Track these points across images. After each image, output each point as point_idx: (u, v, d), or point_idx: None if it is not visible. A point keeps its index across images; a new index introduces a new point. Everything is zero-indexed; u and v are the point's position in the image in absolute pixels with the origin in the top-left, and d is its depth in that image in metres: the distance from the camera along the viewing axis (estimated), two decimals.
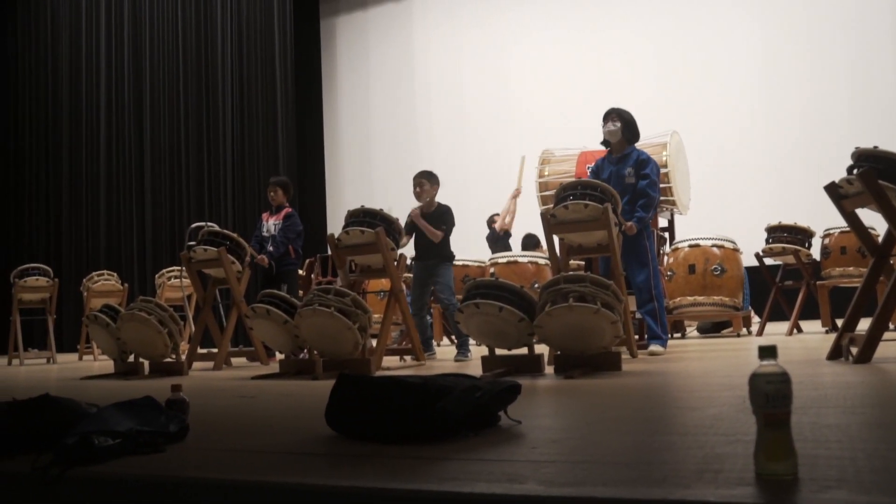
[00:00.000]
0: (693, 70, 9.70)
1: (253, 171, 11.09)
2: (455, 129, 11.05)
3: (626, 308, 4.38)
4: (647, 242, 4.79)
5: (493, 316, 3.62)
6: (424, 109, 11.37)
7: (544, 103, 10.38)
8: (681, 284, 6.50)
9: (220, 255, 5.59)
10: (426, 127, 11.29)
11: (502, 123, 10.70)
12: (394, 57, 11.73)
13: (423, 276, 5.53)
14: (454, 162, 10.44)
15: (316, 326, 4.16)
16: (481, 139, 10.81)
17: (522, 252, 7.29)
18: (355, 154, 11.92)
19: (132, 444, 1.73)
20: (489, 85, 10.91)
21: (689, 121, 8.76)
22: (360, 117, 11.91)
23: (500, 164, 10.42)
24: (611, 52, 10.18)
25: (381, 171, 11.47)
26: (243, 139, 11.18)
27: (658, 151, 6.12)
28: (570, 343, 3.57)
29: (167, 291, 8.46)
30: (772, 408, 1.20)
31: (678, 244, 6.61)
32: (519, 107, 10.61)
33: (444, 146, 10.86)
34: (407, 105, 11.51)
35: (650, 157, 4.91)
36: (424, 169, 5.67)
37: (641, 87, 9.69)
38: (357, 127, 11.96)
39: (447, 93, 11.21)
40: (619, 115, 4.88)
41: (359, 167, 11.85)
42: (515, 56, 10.79)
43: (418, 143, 11.19)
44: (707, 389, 2.66)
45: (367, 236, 4.77)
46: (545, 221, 4.48)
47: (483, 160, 10.67)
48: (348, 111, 12.10)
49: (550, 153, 6.88)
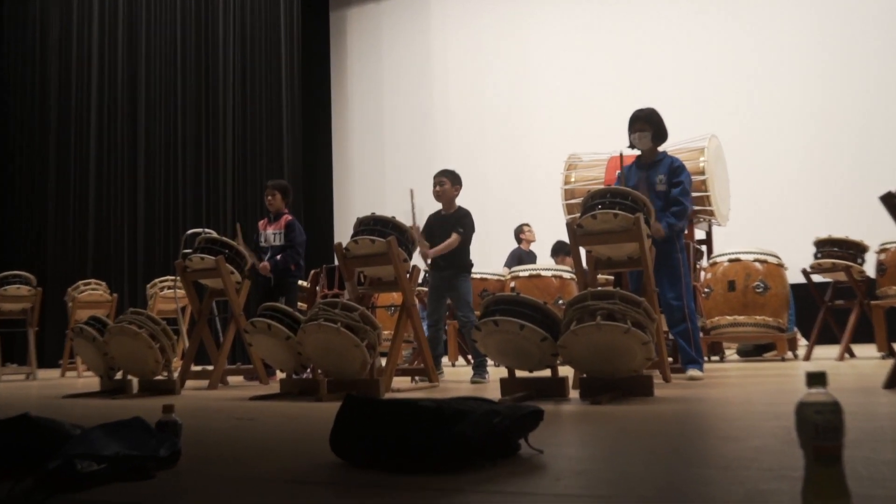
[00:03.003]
0: (732, 67, 9.67)
1: (255, 174, 11.16)
2: (475, 131, 11.09)
3: (660, 328, 4.36)
4: (680, 255, 4.77)
5: (513, 334, 3.62)
6: (442, 109, 11.42)
7: (572, 103, 10.40)
8: (719, 303, 6.46)
9: (217, 265, 5.62)
10: (444, 128, 11.34)
11: (527, 125, 10.72)
12: (409, 53, 11.80)
13: (441, 287, 5.54)
14: (474, 167, 10.44)
15: (321, 343, 4.17)
16: (504, 142, 10.84)
17: (546, 266, 7.29)
18: (366, 157, 11.98)
19: (119, 470, 1.73)
20: (513, 83, 10.95)
21: (729, 123, 8.75)
22: (372, 117, 11.98)
23: (524, 169, 10.45)
24: (644, 47, 10.18)
25: (394, 175, 11.50)
26: (245, 139, 11.26)
27: (694, 157, 6.10)
28: (597, 365, 3.56)
29: (160, 303, 8.52)
30: (822, 440, 1.18)
31: (716, 258, 6.58)
32: (545, 107, 10.63)
33: (463, 149, 10.88)
34: (423, 105, 11.57)
35: (683, 165, 4.91)
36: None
37: (675, 86, 9.68)
38: (368, 127, 12.03)
39: (467, 92, 11.25)
40: (648, 121, 4.87)
41: (370, 171, 11.91)
42: (541, 52, 10.82)
43: (435, 146, 11.23)
44: (748, 418, 2.64)
45: (377, 246, 4.78)
46: (571, 232, 4.48)
47: (506, 165, 10.70)
48: (359, 110, 12.17)
49: (577, 158, 6.88)
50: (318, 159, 12.25)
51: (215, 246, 5.82)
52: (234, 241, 5.94)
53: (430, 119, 11.49)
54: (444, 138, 11.28)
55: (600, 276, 4.92)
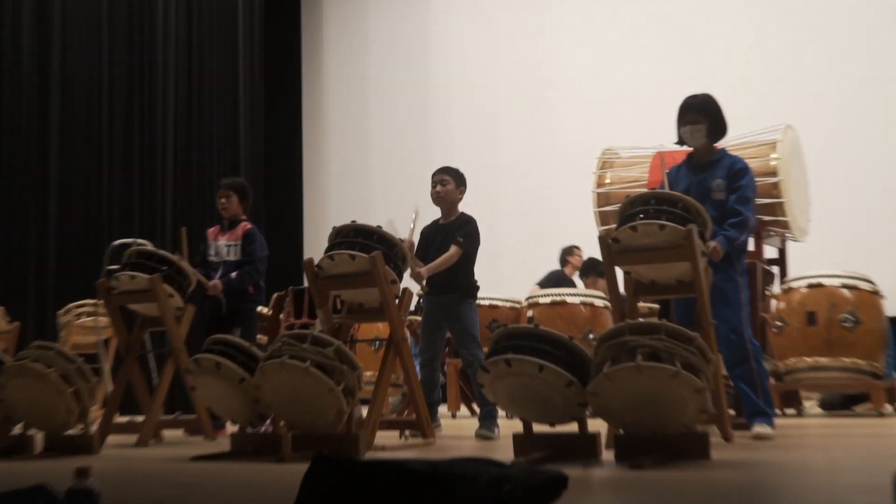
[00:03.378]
0: (812, 43, 9.68)
1: (203, 171, 11.16)
2: (483, 124, 11.16)
3: (718, 371, 4.36)
4: (742, 279, 4.78)
5: (530, 377, 3.62)
6: (442, 97, 11.51)
7: (605, 89, 10.43)
8: (795, 340, 6.46)
9: (152, 285, 5.62)
10: (443, 124, 11.43)
11: (544, 121, 10.78)
12: (402, 32, 11.89)
13: (437, 315, 5.55)
14: (482, 169, 10.43)
15: (284, 387, 4.16)
16: (520, 138, 10.91)
17: (573, 290, 7.29)
18: (346, 152, 12.04)
19: None
20: (528, 73, 11.02)
21: (807, 113, 8.73)
22: (355, 105, 12.05)
23: (545, 170, 10.49)
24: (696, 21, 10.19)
25: (380, 177, 11.56)
26: (190, 129, 11.26)
27: (764, 153, 6.11)
28: (637, 418, 3.56)
29: (76, 334, 8.50)
30: None
31: (792, 283, 6.59)
32: (571, 94, 10.68)
33: (468, 147, 10.89)
34: (419, 93, 11.66)
35: (748, 168, 4.93)
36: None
37: (737, 70, 9.68)
38: (350, 117, 12.09)
39: (473, 77, 11.33)
40: (702, 110, 4.88)
41: (350, 170, 11.97)
42: (565, 29, 10.87)
43: (431, 144, 11.30)
44: (833, 491, 2.63)
45: (358, 263, 4.77)
46: (605, 248, 4.48)
47: (522, 166, 10.77)
48: (338, 96, 12.24)
49: (614, 154, 6.90)
50: (284, 154, 12.29)
51: (150, 261, 5.80)
52: (174, 254, 5.94)
53: (427, 111, 11.57)
54: (444, 135, 11.35)
55: (641, 305, 4.93)
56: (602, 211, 6.51)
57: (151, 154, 11.23)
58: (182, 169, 11.24)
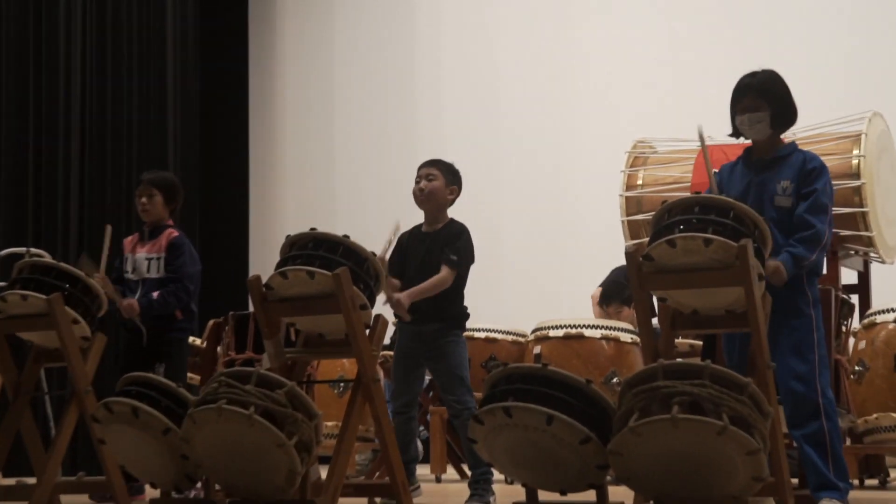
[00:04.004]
0: None
1: (118, 165, 11.17)
2: (481, 113, 11.22)
3: (778, 428, 4.36)
4: (813, 311, 4.77)
5: (536, 431, 3.61)
6: (429, 85, 11.58)
7: (633, 72, 10.51)
8: (880, 390, 6.44)
9: (50, 308, 5.61)
10: (431, 113, 11.50)
11: (558, 108, 10.85)
12: None
13: (416, 351, 5.57)
14: (479, 167, 10.46)
15: (221, 440, 4.15)
16: (527, 131, 10.97)
17: (591, 320, 7.29)
18: (305, 146, 12.06)
19: None
20: (535, 51, 11.11)
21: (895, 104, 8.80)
22: (317, 85, 12.08)
23: (560, 167, 10.52)
24: None
25: (349, 176, 11.56)
26: (103, 111, 11.27)
27: (844, 149, 6.15)
28: (672, 486, 3.56)
29: None
30: None
31: (876, 316, 6.57)
32: (585, 82, 10.79)
33: (461, 144, 10.82)
34: (401, 75, 11.71)
35: (824, 166, 4.89)
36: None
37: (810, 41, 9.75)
38: (310, 101, 12.10)
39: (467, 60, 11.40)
40: (764, 93, 4.84)
41: (311, 168, 11.97)
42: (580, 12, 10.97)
43: (416, 137, 11.34)
44: None
45: (318, 282, 4.77)
46: (634, 267, 4.48)
47: (532, 164, 10.82)
48: (294, 74, 12.25)
49: (648, 147, 6.94)
50: (225, 145, 12.29)
51: (48, 277, 5.80)
52: (83, 267, 5.93)
53: (412, 93, 11.65)
54: (432, 124, 11.40)
55: (680, 341, 4.94)
56: (631, 220, 6.54)
57: (52, 146, 11.14)
58: (92, 166, 11.19)
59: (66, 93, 11.29)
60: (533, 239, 10.37)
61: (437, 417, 7.45)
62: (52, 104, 11.30)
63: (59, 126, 11.21)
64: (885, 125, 6.45)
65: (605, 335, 6.90)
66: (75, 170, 11.19)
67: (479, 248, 5.65)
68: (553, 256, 10.11)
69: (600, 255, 8.74)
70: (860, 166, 5.98)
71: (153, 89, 11.37)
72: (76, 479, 6.44)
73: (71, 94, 11.29)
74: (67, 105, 11.26)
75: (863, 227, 5.99)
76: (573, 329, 6.92)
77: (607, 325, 7.04)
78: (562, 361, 6.42)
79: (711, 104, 5.58)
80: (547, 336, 7.05)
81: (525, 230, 10.42)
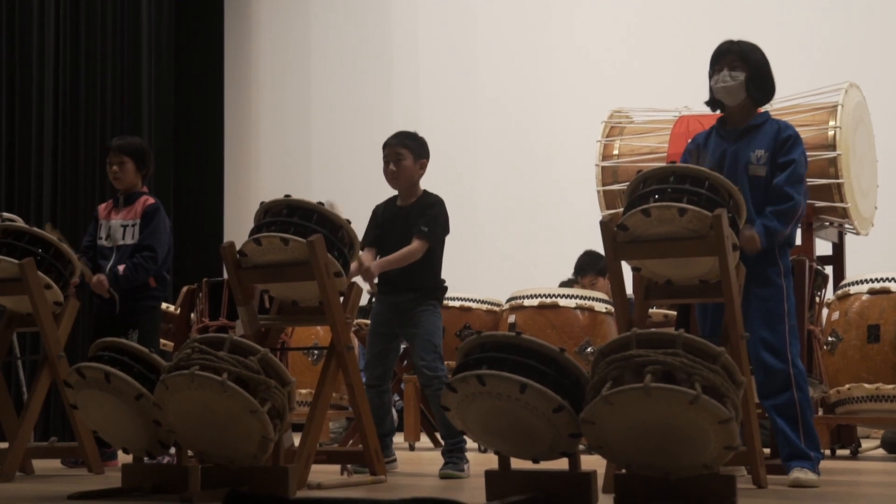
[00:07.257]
0: None
1: (91, 132, 11.08)
2: (455, 90, 11.16)
3: (750, 398, 4.38)
4: (785, 281, 4.79)
5: (509, 400, 3.60)
6: (405, 53, 11.51)
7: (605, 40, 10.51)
8: (853, 361, 6.45)
9: (22, 273, 5.59)
10: (406, 81, 11.43)
11: (534, 76, 10.82)
12: None
13: (390, 321, 5.57)
14: (456, 137, 10.48)
15: (193, 407, 4.12)
16: (498, 102, 10.94)
17: (565, 290, 7.31)
18: (281, 114, 11.98)
19: None
20: (513, 18, 11.07)
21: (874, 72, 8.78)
22: (294, 51, 12.00)
23: (536, 139, 10.50)
24: None
25: (323, 144, 11.52)
26: (77, 79, 11.19)
27: (820, 120, 6.15)
28: (644, 455, 3.56)
29: None
30: None
31: (850, 287, 6.58)
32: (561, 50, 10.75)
33: (435, 112, 10.87)
34: (375, 44, 11.64)
35: (798, 136, 4.89)
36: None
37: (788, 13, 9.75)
38: (286, 67, 12.04)
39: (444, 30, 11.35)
40: (743, 57, 4.85)
41: (286, 136, 11.91)
42: None
43: (390, 107, 11.30)
44: None
45: (292, 250, 4.77)
46: (608, 237, 4.48)
47: (507, 135, 10.80)
48: (271, 39, 12.16)
49: (625, 117, 6.93)
50: (199, 111, 12.21)
51: (20, 241, 5.78)
52: (53, 232, 5.91)
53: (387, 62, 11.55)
54: (406, 92, 11.36)
55: (654, 311, 4.95)
56: (607, 190, 6.54)
57: (26, 114, 11.07)
58: (66, 133, 11.12)
59: (39, 55, 11.21)
60: (508, 208, 10.36)
61: (411, 386, 7.42)
62: (26, 69, 11.23)
63: (33, 92, 11.14)
64: (862, 96, 6.43)
65: (579, 305, 6.92)
66: (48, 134, 11.13)
67: (454, 217, 5.63)
68: (528, 226, 10.12)
69: (576, 225, 8.77)
70: (836, 137, 5.97)
71: (128, 56, 11.29)
72: (48, 445, 6.44)
73: (45, 58, 11.22)
74: (41, 69, 11.19)
75: (838, 199, 5.98)
76: (548, 298, 6.93)
77: (582, 295, 7.06)
78: (536, 331, 6.45)
79: (688, 74, 5.59)
80: (522, 305, 7.07)
81: (500, 199, 10.41)
